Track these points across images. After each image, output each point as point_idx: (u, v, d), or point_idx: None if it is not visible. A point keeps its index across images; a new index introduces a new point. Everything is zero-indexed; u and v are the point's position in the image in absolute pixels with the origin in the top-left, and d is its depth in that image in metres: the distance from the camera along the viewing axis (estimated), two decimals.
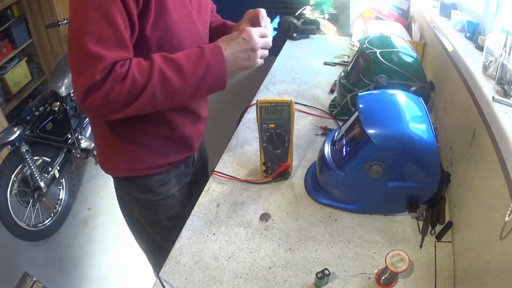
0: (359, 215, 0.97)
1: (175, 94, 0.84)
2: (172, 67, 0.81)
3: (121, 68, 0.77)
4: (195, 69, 0.83)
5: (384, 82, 1.16)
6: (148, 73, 0.79)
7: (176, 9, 0.85)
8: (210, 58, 0.84)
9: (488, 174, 0.74)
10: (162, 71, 0.79)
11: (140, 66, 0.79)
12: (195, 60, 0.83)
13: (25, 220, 2.20)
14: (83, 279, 2.07)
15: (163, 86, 0.80)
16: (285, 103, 0.98)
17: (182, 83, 0.82)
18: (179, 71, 0.81)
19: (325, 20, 2.24)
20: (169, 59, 0.81)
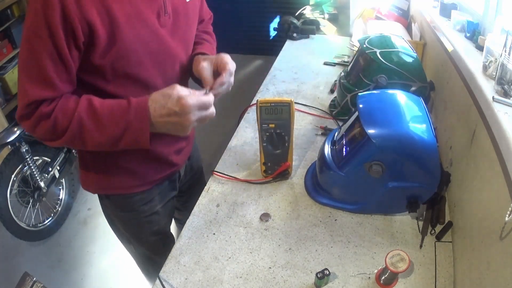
0: (359, 215, 0.97)
1: (94, 143, 0.83)
2: (92, 119, 0.80)
3: (46, 107, 0.79)
4: (115, 127, 0.81)
5: (384, 82, 1.16)
6: (69, 119, 0.79)
7: (134, 33, 0.80)
8: (134, 119, 0.80)
9: (488, 174, 0.74)
10: (82, 122, 0.80)
11: (64, 109, 0.79)
12: (117, 116, 0.80)
13: (25, 220, 2.20)
14: (83, 279, 2.07)
15: (81, 135, 0.81)
16: (285, 103, 0.98)
17: (99, 137, 0.82)
18: (98, 126, 0.80)
19: (325, 20, 2.24)
20: (92, 111, 0.80)
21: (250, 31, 3.91)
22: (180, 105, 0.78)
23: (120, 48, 0.80)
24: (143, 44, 0.83)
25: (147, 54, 0.85)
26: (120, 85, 0.86)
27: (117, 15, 0.77)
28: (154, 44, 0.85)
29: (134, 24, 0.80)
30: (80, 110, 0.79)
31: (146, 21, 0.82)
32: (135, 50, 0.82)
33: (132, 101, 0.81)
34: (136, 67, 0.85)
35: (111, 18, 0.76)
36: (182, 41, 0.93)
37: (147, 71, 0.88)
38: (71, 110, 0.79)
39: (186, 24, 0.93)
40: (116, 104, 0.82)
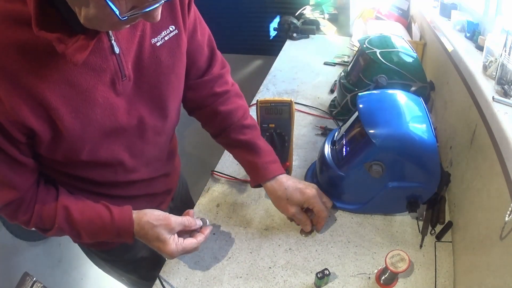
0: (359, 215, 0.97)
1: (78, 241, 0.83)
2: (73, 229, 0.75)
3: (23, 216, 0.73)
4: (96, 237, 0.77)
5: (384, 82, 1.16)
6: (50, 227, 0.74)
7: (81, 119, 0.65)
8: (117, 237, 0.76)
9: (488, 174, 0.74)
10: (62, 231, 0.75)
11: (43, 218, 0.74)
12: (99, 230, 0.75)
13: None
14: (83, 279, 2.07)
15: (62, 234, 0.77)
16: (285, 103, 0.98)
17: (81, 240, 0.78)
18: (78, 236, 0.76)
19: (325, 20, 2.24)
20: (71, 221, 0.74)
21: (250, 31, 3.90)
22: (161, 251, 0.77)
23: (68, 141, 0.66)
24: (98, 128, 0.68)
25: (104, 137, 0.71)
26: (79, 168, 0.76)
27: (53, 104, 0.60)
28: (111, 121, 0.69)
29: (81, 111, 0.64)
30: (59, 221, 0.74)
31: (95, 99, 0.65)
32: (88, 138, 0.68)
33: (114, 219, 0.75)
34: (93, 152, 0.72)
35: (47, 110, 0.60)
36: (151, 101, 0.75)
37: (108, 153, 0.75)
38: (49, 218, 0.74)
39: (156, 77, 0.73)
40: (96, 217, 0.75)
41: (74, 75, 0.60)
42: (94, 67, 0.62)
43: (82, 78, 0.62)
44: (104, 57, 0.63)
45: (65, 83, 0.60)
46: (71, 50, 0.56)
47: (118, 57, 0.65)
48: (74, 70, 0.60)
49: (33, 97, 0.58)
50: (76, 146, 0.68)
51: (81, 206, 0.76)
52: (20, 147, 0.65)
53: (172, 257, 0.78)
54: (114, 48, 0.64)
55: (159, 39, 0.71)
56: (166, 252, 0.76)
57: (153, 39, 0.70)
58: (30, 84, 0.57)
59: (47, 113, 0.61)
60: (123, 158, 0.78)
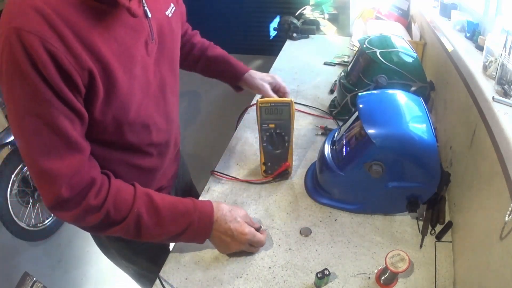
0: (359, 215, 0.97)
1: (149, 238, 0.78)
2: (153, 216, 0.75)
3: (94, 200, 0.69)
4: (176, 226, 0.77)
5: (384, 82, 1.16)
6: (125, 214, 0.72)
7: (128, 75, 0.71)
8: (197, 220, 0.78)
9: (488, 174, 0.74)
10: (140, 218, 0.74)
11: (118, 202, 0.72)
12: (180, 216, 0.77)
13: (25, 220, 2.20)
14: (83, 279, 2.07)
15: (137, 230, 0.75)
16: (285, 103, 0.98)
17: (157, 233, 0.77)
18: (158, 223, 0.75)
19: (325, 20, 2.24)
20: (153, 208, 0.75)
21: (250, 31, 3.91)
22: (238, 232, 0.82)
23: (118, 98, 0.71)
24: (140, 85, 0.75)
25: (145, 95, 0.78)
26: (124, 133, 0.78)
27: (108, 58, 0.66)
28: (145, 79, 0.77)
29: (127, 67, 0.70)
30: (139, 206, 0.73)
31: (135, 57, 0.72)
32: (133, 96, 0.74)
33: (196, 203, 0.80)
34: (137, 112, 0.77)
35: (104, 65, 0.66)
36: (168, 63, 0.85)
37: (148, 112, 0.81)
38: (127, 204, 0.72)
39: (172, 42, 0.86)
40: (179, 203, 0.78)
41: (120, 34, 0.68)
42: (134, 27, 0.71)
43: (127, 37, 0.70)
44: (140, 19, 0.72)
45: (114, 40, 0.67)
46: (132, 4, 0.66)
47: (150, 21, 0.75)
48: (120, 29, 0.68)
49: (91, 51, 0.63)
50: (124, 104, 0.73)
51: (163, 196, 0.78)
52: (80, 100, 0.66)
53: (245, 238, 0.82)
54: (147, 13, 0.73)
55: (169, 12, 0.84)
56: (242, 230, 0.82)
57: (166, 11, 0.83)
58: (90, 38, 0.63)
59: (102, 67, 0.66)
60: (155, 117, 0.85)
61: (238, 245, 0.84)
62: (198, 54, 1.16)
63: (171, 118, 0.92)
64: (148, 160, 0.90)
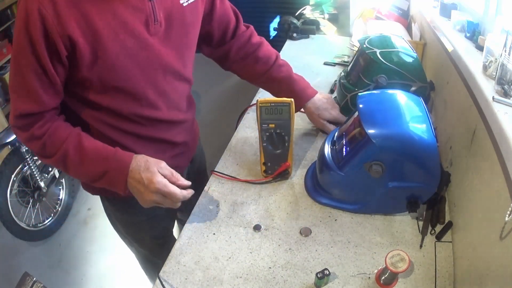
0: (359, 215, 0.97)
1: (74, 174, 0.90)
2: (77, 155, 0.85)
3: (38, 130, 0.83)
4: (95, 168, 0.86)
5: (384, 82, 1.16)
6: (56, 149, 0.84)
7: (118, 45, 0.80)
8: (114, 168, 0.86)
9: (488, 174, 0.74)
10: (67, 154, 0.84)
11: (54, 137, 0.84)
12: (100, 160, 0.86)
13: (25, 220, 2.20)
14: (83, 279, 2.07)
15: (64, 164, 0.86)
16: (285, 103, 0.98)
17: (80, 172, 0.88)
18: (81, 162, 0.85)
19: (325, 20, 2.24)
20: (79, 148, 0.85)
21: None
22: (148, 181, 0.84)
23: (105, 62, 0.81)
24: (130, 56, 0.83)
25: (135, 66, 0.85)
26: (109, 96, 0.88)
27: (99, 28, 0.77)
28: (143, 54, 0.85)
29: (119, 36, 0.80)
30: (68, 143, 0.84)
31: (132, 31, 0.81)
32: (121, 63, 0.82)
33: (118, 151, 0.87)
34: (124, 80, 0.86)
35: (92, 32, 0.76)
36: (176, 49, 0.92)
37: (137, 83, 0.88)
38: (60, 140, 0.84)
39: (182, 30, 0.92)
40: (103, 148, 0.87)
41: (118, 9, 0.78)
42: (134, 5, 0.80)
43: (125, 12, 0.79)
44: (142, 1, 0.81)
45: (111, 13, 0.77)
46: None
47: (153, 4, 0.82)
48: (119, 6, 0.78)
49: (84, 19, 0.74)
50: (111, 68, 0.82)
51: (93, 141, 0.87)
52: (57, 68, 0.78)
53: (155, 187, 0.84)
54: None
55: (185, 1, 0.90)
56: (152, 179, 0.84)
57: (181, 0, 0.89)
58: (83, 7, 0.74)
59: (92, 34, 0.76)
60: (147, 93, 0.91)
61: (150, 195, 0.85)
62: (262, 71, 1.16)
63: (173, 101, 0.98)
64: (144, 129, 0.97)
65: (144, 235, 1.16)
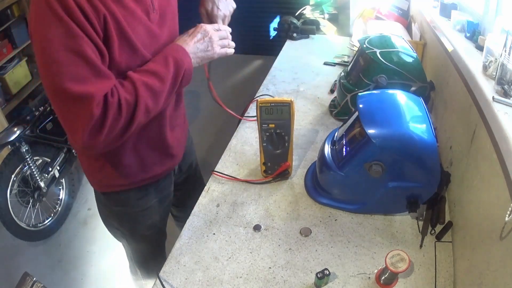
0: (359, 215, 0.97)
1: (160, 96, 0.87)
2: (150, 75, 0.85)
3: (112, 98, 0.78)
4: (167, 68, 0.87)
5: (384, 82, 1.16)
6: (135, 90, 0.82)
7: (134, 31, 0.84)
8: (176, 54, 0.88)
9: (488, 174, 0.74)
10: (145, 83, 0.83)
11: (125, 88, 0.82)
12: (163, 62, 0.87)
13: (25, 220, 2.20)
14: (83, 279, 2.07)
15: (150, 95, 0.84)
16: (285, 103, 0.98)
17: (163, 85, 0.86)
18: (157, 76, 0.85)
19: (325, 20, 2.24)
20: (143, 71, 0.86)
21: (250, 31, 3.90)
22: (200, 28, 0.94)
23: (131, 43, 0.84)
24: (143, 43, 0.87)
25: (149, 50, 0.89)
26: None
27: (117, 14, 0.80)
28: (149, 40, 0.89)
29: (131, 22, 0.83)
30: (136, 77, 0.83)
31: (140, 19, 0.86)
32: (139, 46, 0.86)
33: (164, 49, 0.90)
34: (141, 64, 0.88)
35: (113, 16, 0.79)
36: (169, 33, 0.96)
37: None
38: (130, 85, 0.82)
39: (171, 14, 0.98)
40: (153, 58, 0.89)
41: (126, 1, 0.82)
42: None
43: (131, 4, 0.83)
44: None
45: (121, 5, 0.81)
46: None
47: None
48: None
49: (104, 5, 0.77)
50: (132, 52, 0.85)
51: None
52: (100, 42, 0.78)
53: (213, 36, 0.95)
54: None
55: None
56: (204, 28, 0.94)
57: None
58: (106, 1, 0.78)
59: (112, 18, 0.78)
60: None
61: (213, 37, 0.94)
62: None
63: None
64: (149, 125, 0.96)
65: (137, 225, 1.17)
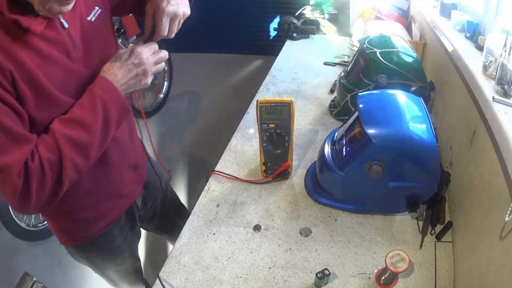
0: (359, 215, 0.97)
1: (89, 149, 0.79)
2: (75, 126, 0.77)
3: (33, 162, 0.72)
4: (95, 115, 0.78)
5: (384, 82, 1.16)
6: (58, 147, 0.74)
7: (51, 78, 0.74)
8: (105, 96, 0.79)
9: (488, 174, 0.74)
10: (68, 137, 0.75)
11: (47, 145, 0.74)
12: (90, 107, 0.78)
13: (25, 220, 2.20)
14: (83, 279, 2.07)
15: (76, 149, 0.77)
16: (285, 103, 0.98)
17: (91, 135, 0.78)
18: (84, 127, 0.77)
19: (325, 20, 2.24)
20: (67, 120, 0.77)
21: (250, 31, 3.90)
22: (134, 55, 0.82)
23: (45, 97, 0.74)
24: (63, 87, 0.78)
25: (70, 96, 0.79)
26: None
27: (28, 65, 0.70)
28: (73, 84, 0.80)
29: (46, 69, 0.74)
30: (58, 130, 0.75)
31: (57, 62, 0.76)
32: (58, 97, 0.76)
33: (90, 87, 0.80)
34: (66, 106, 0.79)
35: (24, 68, 0.70)
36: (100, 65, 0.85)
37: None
38: (52, 141, 0.75)
39: (100, 45, 0.87)
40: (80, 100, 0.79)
41: (38, 46, 0.74)
42: (50, 38, 0.76)
43: (44, 47, 0.75)
44: (57, 31, 0.77)
45: (33, 51, 0.73)
46: (33, 25, 0.71)
47: (68, 31, 0.79)
48: (38, 42, 0.74)
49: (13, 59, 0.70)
50: (52, 104, 0.77)
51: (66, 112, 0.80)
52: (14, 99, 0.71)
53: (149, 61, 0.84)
54: (63, 24, 0.78)
55: (92, 16, 0.86)
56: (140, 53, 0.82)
57: (87, 17, 0.85)
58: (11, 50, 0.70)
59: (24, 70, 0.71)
60: None
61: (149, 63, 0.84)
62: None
63: None
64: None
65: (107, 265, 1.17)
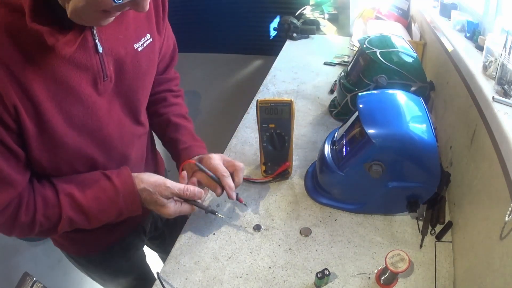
0: (359, 215, 0.97)
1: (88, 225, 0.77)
2: (82, 216, 0.73)
3: (26, 217, 0.68)
4: (106, 216, 0.75)
5: (384, 82, 1.16)
6: (56, 221, 0.71)
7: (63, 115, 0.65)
8: (124, 206, 0.75)
9: (488, 174, 0.74)
10: (72, 221, 0.72)
11: (46, 212, 0.70)
12: (107, 206, 0.74)
13: None
14: (83, 279, 2.07)
15: (72, 227, 0.74)
16: (285, 103, 0.98)
17: (91, 225, 0.76)
18: (90, 220, 0.74)
19: (325, 20, 2.24)
20: (78, 209, 0.72)
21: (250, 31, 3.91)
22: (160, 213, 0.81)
23: (52, 137, 0.66)
24: (78, 127, 0.69)
25: (83, 135, 0.71)
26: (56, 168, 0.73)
27: (40, 97, 0.60)
28: (90, 122, 0.70)
29: (63, 106, 0.64)
30: (65, 211, 0.70)
31: (78, 96, 0.66)
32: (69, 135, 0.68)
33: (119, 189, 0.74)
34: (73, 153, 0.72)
35: (33, 103, 0.60)
36: (127, 103, 0.77)
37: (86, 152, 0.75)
38: (55, 213, 0.70)
39: (135, 80, 0.76)
40: (103, 193, 0.73)
41: (60, 71, 0.61)
42: (78, 64, 0.63)
43: (67, 74, 0.62)
44: (89, 55, 0.64)
45: (51, 77, 0.61)
46: (61, 43, 0.57)
47: (101, 57, 0.66)
48: (60, 66, 0.61)
49: (22, 88, 0.58)
50: (60, 146, 0.68)
51: (82, 187, 0.73)
52: (13, 136, 0.62)
53: (170, 217, 0.82)
54: (97, 47, 0.65)
55: (140, 44, 0.73)
56: (164, 213, 0.81)
57: (135, 44, 0.72)
58: (23, 76, 0.57)
59: (32, 105, 0.60)
60: (99, 160, 0.78)
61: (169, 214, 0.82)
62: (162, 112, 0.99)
63: (126, 158, 0.85)
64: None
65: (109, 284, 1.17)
